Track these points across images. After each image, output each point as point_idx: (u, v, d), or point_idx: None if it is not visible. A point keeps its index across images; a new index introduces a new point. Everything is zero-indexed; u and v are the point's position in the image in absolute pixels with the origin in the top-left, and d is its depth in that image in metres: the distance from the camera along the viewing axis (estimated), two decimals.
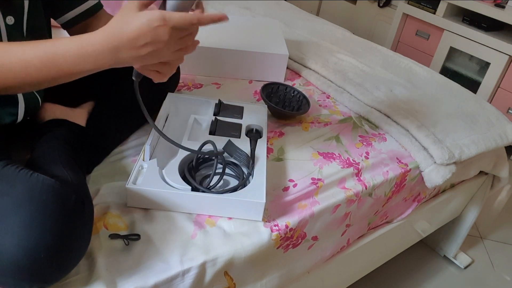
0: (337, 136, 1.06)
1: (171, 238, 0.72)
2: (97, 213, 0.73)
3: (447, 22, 2.19)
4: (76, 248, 0.60)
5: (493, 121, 1.22)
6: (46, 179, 0.59)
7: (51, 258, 0.55)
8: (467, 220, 1.42)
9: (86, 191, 0.68)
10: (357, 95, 1.22)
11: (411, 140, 1.07)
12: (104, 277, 0.64)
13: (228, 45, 1.24)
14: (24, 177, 0.59)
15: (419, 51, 2.39)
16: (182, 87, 1.17)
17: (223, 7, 1.71)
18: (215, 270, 0.71)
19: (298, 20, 1.73)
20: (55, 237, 0.55)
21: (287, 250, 0.83)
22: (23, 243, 0.53)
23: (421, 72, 1.42)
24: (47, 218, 0.55)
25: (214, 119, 0.94)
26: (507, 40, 2.00)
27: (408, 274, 1.44)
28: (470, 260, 1.52)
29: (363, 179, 0.95)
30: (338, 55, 1.42)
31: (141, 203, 0.76)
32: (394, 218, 1.12)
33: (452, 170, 1.04)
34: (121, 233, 0.71)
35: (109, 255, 0.67)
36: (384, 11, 2.58)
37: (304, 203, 0.85)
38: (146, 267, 0.67)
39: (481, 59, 2.11)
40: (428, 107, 1.21)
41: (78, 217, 0.59)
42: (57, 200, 0.57)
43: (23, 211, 0.54)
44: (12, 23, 0.68)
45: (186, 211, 0.77)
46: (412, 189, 1.08)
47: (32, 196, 0.56)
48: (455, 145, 1.07)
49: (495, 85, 2.07)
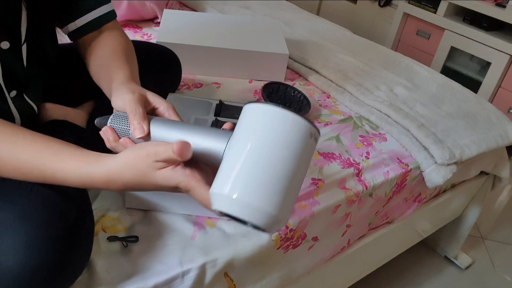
0: (338, 136, 1.06)
1: (171, 239, 0.72)
2: (96, 216, 0.73)
3: (448, 21, 2.18)
4: (78, 261, 0.60)
5: (494, 121, 1.22)
6: (46, 194, 0.58)
7: (54, 274, 0.55)
8: (467, 220, 1.42)
9: (87, 203, 0.67)
10: (358, 95, 1.21)
11: (412, 140, 1.06)
12: (104, 280, 0.63)
13: (228, 44, 1.24)
14: (24, 192, 0.58)
15: (420, 50, 2.38)
16: (182, 86, 1.17)
17: (223, 6, 1.70)
18: (215, 271, 0.71)
19: (299, 19, 1.73)
20: (57, 254, 0.55)
21: (287, 250, 0.83)
22: (24, 262, 0.52)
23: (421, 71, 1.41)
24: (48, 236, 0.54)
25: (215, 120, 0.94)
26: (508, 40, 1.99)
27: (408, 275, 1.44)
28: (471, 260, 1.51)
29: (364, 179, 0.95)
30: (338, 55, 1.42)
31: (140, 204, 0.76)
32: (395, 218, 1.12)
33: (453, 170, 1.03)
34: (119, 235, 0.71)
35: (108, 257, 0.67)
36: (384, 11, 2.58)
37: (304, 203, 0.85)
38: (145, 269, 0.66)
39: (482, 59, 2.11)
40: (429, 107, 1.20)
41: (79, 232, 0.59)
42: (58, 216, 0.56)
43: (24, 228, 0.54)
44: (8, 47, 0.65)
45: (185, 212, 0.77)
46: (413, 189, 1.08)
47: (32, 213, 0.55)
48: (456, 145, 1.06)
49: (496, 85, 2.07)
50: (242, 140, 0.45)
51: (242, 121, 0.47)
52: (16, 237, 0.53)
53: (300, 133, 0.44)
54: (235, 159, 0.44)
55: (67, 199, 0.59)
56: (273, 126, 0.44)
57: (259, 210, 0.42)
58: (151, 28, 1.50)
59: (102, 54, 0.74)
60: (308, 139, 0.45)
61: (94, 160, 0.52)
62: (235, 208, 0.43)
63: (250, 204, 0.42)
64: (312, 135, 0.45)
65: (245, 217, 0.43)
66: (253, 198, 0.42)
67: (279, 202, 0.43)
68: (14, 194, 0.58)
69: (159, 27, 1.31)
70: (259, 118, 0.45)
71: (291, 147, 0.44)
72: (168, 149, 0.48)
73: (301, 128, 0.44)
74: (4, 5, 0.63)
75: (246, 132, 0.45)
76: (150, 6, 1.49)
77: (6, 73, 0.65)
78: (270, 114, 0.44)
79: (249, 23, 1.43)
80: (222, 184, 0.44)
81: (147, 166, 0.49)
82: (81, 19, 0.77)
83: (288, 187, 0.43)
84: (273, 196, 0.43)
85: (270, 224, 0.43)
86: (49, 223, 0.55)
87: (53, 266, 0.54)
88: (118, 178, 0.51)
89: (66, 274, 0.57)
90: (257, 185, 0.42)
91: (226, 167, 0.45)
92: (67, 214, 0.58)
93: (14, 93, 0.69)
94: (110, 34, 0.79)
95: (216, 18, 1.45)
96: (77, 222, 0.59)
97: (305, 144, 0.45)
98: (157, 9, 1.51)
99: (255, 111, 0.46)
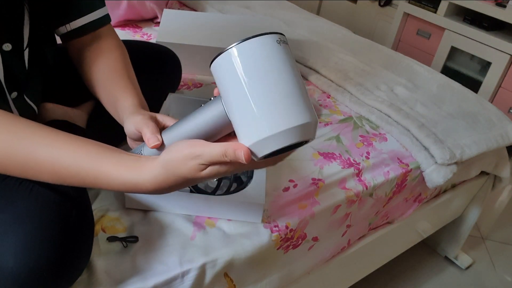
0: (338, 136, 1.05)
1: (170, 240, 0.72)
2: (96, 216, 0.73)
3: (448, 21, 2.18)
4: (78, 262, 0.59)
5: (495, 121, 1.22)
6: (46, 195, 0.58)
7: (54, 275, 0.55)
8: (468, 220, 1.42)
9: (87, 203, 0.66)
10: (358, 94, 1.21)
11: (412, 140, 1.06)
12: (103, 280, 0.63)
13: (228, 44, 1.23)
14: (24, 192, 0.57)
15: (420, 50, 2.38)
16: (182, 86, 1.17)
17: (223, 6, 1.70)
18: (215, 271, 0.70)
19: (299, 19, 1.73)
20: (56, 255, 0.54)
21: (287, 251, 0.83)
22: (24, 263, 0.52)
23: (422, 71, 1.41)
24: (48, 237, 0.54)
25: None
26: (508, 40, 1.99)
27: (408, 275, 1.44)
28: (471, 260, 1.51)
29: (364, 179, 0.95)
30: (338, 55, 1.41)
31: (139, 204, 0.76)
32: (395, 218, 1.12)
33: (453, 170, 1.03)
34: (119, 236, 0.71)
35: (108, 257, 0.67)
36: (384, 10, 2.58)
37: (304, 204, 0.85)
38: (145, 269, 0.66)
39: (482, 59, 2.10)
40: (429, 107, 1.20)
41: (79, 233, 0.59)
42: (58, 217, 0.56)
43: (24, 229, 0.54)
44: (10, 49, 0.65)
45: (184, 212, 0.77)
46: (413, 189, 1.07)
47: (33, 213, 0.55)
48: (456, 145, 1.06)
49: (496, 85, 2.06)
50: (237, 84, 0.45)
51: (221, 76, 0.47)
52: (16, 238, 0.53)
53: (269, 49, 0.45)
54: (243, 107, 0.45)
55: (67, 200, 0.59)
56: (245, 62, 0.45)
57: (299, 126, 0.44)
58: (151, 28, 1.50)
59: (102, 72, 0.74)
60: (279, 47, 0.45)
61: (135, 166, 0.51)
62: (281, 141, 0.44)
63: (289, 127, 0.44)
64: (279, 41, 0.46)
65: (292, 141, 0.44)
66: (287, 121, 0.44)
67: (305, 109, 0.45)
68: (14, 195, 0.58)
69: (159, 27, 1.31)
70: (231, 65, 0.45)
71: (274, 64, 0.45)
72: (214, 151, 0.47)
73: (266, 45, 0.45)
74: (7, 7, 0.63)
75: (235, 77, 0.45)
76: (150, 6, 1.49)
77: (8, 74, 0.65)
78: (234, 56, 0.45)
79: (249, 23, 1.43)
80: (254, 132, 0.45)
81: (190, 169, 0.48)
82: (75, 21, 0.76)
83: (299, 92, 0.45)
84: (297, 108, 0.44)
85: (312, 129, 0.46)
86: (49, 224, 0.55)
87: (53, 267, 0.54)
88: (164, 185, 0.50)
89: (66, 274, 0.57)
90: (279, 111, 0.44)
91: (242, 118, 0.46)
92: (67, 215, 0.57)
93: (15, 94, 0.69)
94: (107, 45, 0.77)
95: (216, 18, 1.45)
96: (77, 223, 0.59)
97: (281, 53, 0.45)
98: (157, 9, 1.51)
99: (223, 62, 0.46)
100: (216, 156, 0.47)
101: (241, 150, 0.46)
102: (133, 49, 0.83)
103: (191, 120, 0.54)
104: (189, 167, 0.48)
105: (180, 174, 0.49)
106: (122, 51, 0.79)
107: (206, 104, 0.52)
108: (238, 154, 0.46)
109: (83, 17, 0.76)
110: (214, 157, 0.47)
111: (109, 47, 0.77)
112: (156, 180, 0.50)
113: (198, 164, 0.48)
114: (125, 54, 0.79)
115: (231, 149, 0.46)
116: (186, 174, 0.49)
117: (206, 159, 0.47)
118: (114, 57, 0.76)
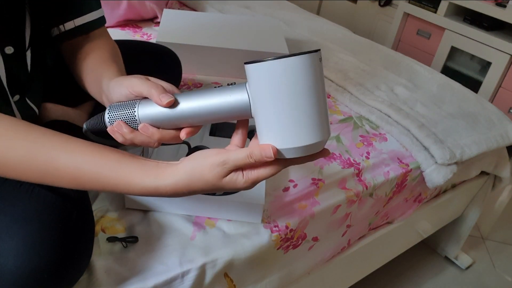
0: (338, 136, 1.05)
1: (170, 240, 0.72)
2: (95, 217, 0.73)
3: (448, 21, 2.18)
4: (79, 264, 0.59)
5: (495, 121, 1.22)
6: (47, 196, 0.57)
7: (54, 277, 0.54)
8: (468, 220, 1.42)
9: (87, 204, 0.66)
10: (358, 94, 1.21)
11: (412, 140, 1.06)
12: (103, 280, 0.63)
13: (228, 44, 1.24)
14: (24, 194, 0.57)
15: (420, 50, 2.38)
16: (182, 86, 1.17)
17: (223, 6, 1.70)
18: (215, 272, 0.70)
19: (299, 19, 1.73)
20: (57, 256, 0.54)
21: (287, 251, 0.83)
22: (25, 264, 0.52)
23: (422, 71, 1.41)
24: (48, 238, 0.54)
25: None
26: (508, 40, 1.99)
27: (409, 275, 1.44)
28: (471, 260, 1.51)
29: (364, 179, 0.94)
30: (338, 55, 1.41)
31: (139, 204, 0.76)
32: (395, 218, 1.12)
33: (453, 170, 1.03)
34: (119, 236, 0.71)
35: (107, 258, 0.67)
36: (384, 10, 2.58)
37: (304, 204, 0.85)
38: (145, 269, 0.66)
39: (482, 59, 2.10)
40: (429, 107, 1.20)
41: (80, 234, 0.59)
42: (58, 218, 0.56)
43: (24, 230, 0.54)
44: (12, 52, 0.64)
45: (184, 212, 0.77)
46: (413, 189, 1.07)
47: (33, 215, 0.55)
48: (456, 145, 1.06)
49: (496, 85, 2.06)
50: (279, 93, 0.47)
51: (260, 81, 0.48)
52: (16, 240, 0.53)
53: (314, 66, 0.47)
54: (278, 115, 0.48)
55: (67, 201, 0.59)
56: (287, 76, 0.46)
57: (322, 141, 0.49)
58: (151, 28, 1.50)
59: (91, 64, 0.72)
60: (320, 64, 0.48)
61: (156, 172, 0.51)
62: (302, 151, 0.49)
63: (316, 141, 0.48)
64: (319, 58, 0.48)
65: (311, 152, 0.50)
66: (315, 136, 0.48)
67: (324, 127, 0.49)
68: (14, 196, 0.58)
69: (159, 27, 1.31)
70: (276, 76, 0.47)
71: (312, 82, 0.47)
72: (239, 155, 0.49)
73: (312, 62, 0.47)
74: (8, 10, 0.63)
75: (278, 88, 0.47)
76: (150, 6, 1.49)
77: (10, 77, 0.65)
78: (283, 68, 0.46)
79: (249, 22, 1.43)
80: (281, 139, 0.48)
81: (214, 175, 0.50)
82: (69, 23, 0.75)
83: (324, 111, 0.49)
84: (325, 124, 0.49)
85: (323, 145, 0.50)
86: (49, 225, 0.55)
87: (53, 268, 0.54)
88: (185, 190, 0.51)
89: (66, 276, 0.57)
90: (312, 125, 0.48)
91: (274, 124, 0.48)
92: (67, 216, 0.57)
93: (17, 97, 0.69)
94: (98, 43, 0.76)
95: (216, 17, 1.45)
96: (78, 224, 0.58)
97: (321, 70, 0.48)
98: (157, 8, 1.51)
99: (269, 69, 0.47)
100: (242, 159, 0.49)
101: (268, 147, 0.48)
102: (133, 49, 0.83)
103: (210, 97, 0.53)
104: (215, 173, 0.49)
105: (205, 180, 0.50)
106: (113, 46, 0.77)
107: (228, 88, 0.52)
108: (266, 152, 0.48)
109: (77, 18, 0.75)
110: (239, 160, 0.49)
111: (100, 46, 0.76)
112: (176, 185, 0.51)
113: (225, 170, 0.49)
114: (116, 49, 0.77)
115: (257, 150, 0.48)
116: (211, 181, 0.50)
117: (232, 163, 0.49)
118: (103, 50, 0.75)
